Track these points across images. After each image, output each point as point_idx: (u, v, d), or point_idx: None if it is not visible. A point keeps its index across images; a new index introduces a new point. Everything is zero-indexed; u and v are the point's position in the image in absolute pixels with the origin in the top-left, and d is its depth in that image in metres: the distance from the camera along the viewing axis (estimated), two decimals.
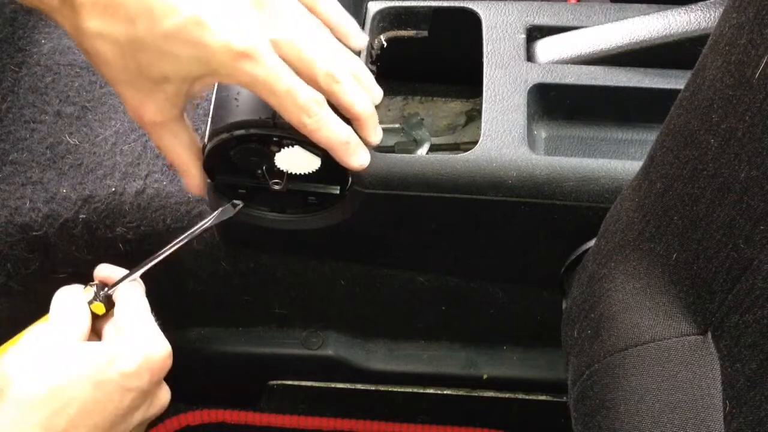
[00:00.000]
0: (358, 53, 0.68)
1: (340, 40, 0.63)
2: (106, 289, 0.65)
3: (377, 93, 0.66)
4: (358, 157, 0.64)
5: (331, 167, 0.66)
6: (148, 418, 0.63)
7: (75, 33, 0.58)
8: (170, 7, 0.56)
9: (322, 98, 0.60)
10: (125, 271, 0.66)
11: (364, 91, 0.64)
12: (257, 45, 0.57)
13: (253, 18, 0.58)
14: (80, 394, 0.57)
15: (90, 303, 0.64)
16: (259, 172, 0.68)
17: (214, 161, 0.68)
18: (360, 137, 0.64)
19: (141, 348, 0.61)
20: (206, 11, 0.56)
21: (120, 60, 0.58)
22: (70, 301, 0.63)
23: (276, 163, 0.66)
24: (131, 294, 0.65)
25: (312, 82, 0.60)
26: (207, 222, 0.69)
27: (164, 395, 0.64)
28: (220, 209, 0.69)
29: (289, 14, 0.60)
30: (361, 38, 0.65)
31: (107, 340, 0.63)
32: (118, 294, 0.65)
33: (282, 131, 0.64)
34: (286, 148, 0.65)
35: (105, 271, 0.66)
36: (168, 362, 0.62)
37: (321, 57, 0.60)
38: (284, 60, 0.59)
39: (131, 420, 0.61)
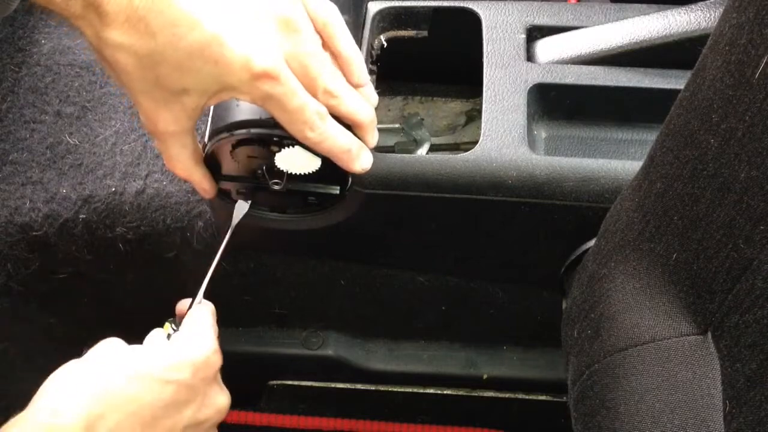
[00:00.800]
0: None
1: (342, 69, 0.64)
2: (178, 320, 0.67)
3: (374, 98, 0.67)
4: (360, 162, 0.64)
5: (331, 167, 0.66)
6: (204, 420, 0.63)
7: (96, 41, 0.58)
8: (193, 24, 0.56)
9: (325, 111, 0.61)
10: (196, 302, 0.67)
11: (362, 99, 0.64)
12: (276, 64, 0.58)
13: (272, 35, 0.59)
14: (116, 384, 0.58)
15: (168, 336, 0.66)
16: (259, 172, 0.68)
17: (214, 161, 0.68)
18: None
19: (182, 343, 0.62)
20: (228, 29, 0.57)
21: (139, 71, 0.58)
22: (150, 337, 0.65)
23: (276, 163, 0.66)
24: (197, 313, 0.66)
25: (312, 95, 0.61)
26: (233, 224, 0.69)
27: (220, 398, 0.64)
28: (236, 209, 0.70)
29: (302, 30, 0.60)
30: (363, 77, 0.65)
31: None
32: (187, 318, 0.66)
33: (282, 131, 0.64)
34: (286, 148, 0.65)
35: (183, 305, 0.68)
36: (213, 359, 0.63)
37: (323, 73, 0.61)
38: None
39: (179, 416, 0.61)
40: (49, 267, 0.81)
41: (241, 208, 0.70)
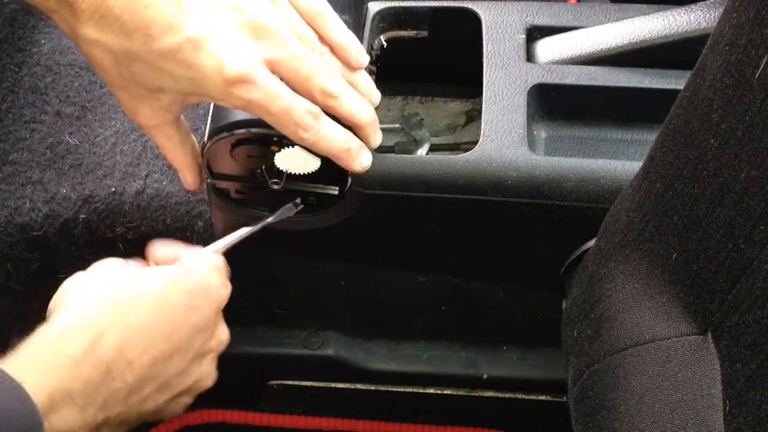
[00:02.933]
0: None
1: (341, 58, 0.63)
2: None
3: (375, 96, 0.67)
4: (360, 161, 0.64)
5: (331, 168, 0.66)
6: (210, 350, 0.64)
7: (73, 36, 0.58)
8: (168, 26, 0.56)
9: (318, 110, 0.61)
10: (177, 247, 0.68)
11: (362, 98, 0.64)
12: (251, 70, 0.57)
13: (249, 40, 0.58)
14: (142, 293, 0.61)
15: None
16: (259, 171, 0.68)
17: (213, 160, 0.68)
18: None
19: (199, 272, 0.64)
20: (203, 33, 0.56)
21: (115, 68, 0.58)
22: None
23: (276, 163, 0.66)
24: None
25: (309, 97, 0.60)
26: (277, 217, 0.70)
27: (224, 331, 0.66)
28: (283, 208, 0.70)
29: (286, 33, 0.59)
30: (362, 57, 0.65)
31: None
32: None
33: None
34: (286, 148, 0.65)
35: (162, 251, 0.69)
36: (224, 293, 0.65)
37: (317, 73, 0.60)
38: (281, 78, 0.59)
39: (191, 341, 0.62)
40: (49, 267, 0.81)
41: (287, 210, 0.70)
